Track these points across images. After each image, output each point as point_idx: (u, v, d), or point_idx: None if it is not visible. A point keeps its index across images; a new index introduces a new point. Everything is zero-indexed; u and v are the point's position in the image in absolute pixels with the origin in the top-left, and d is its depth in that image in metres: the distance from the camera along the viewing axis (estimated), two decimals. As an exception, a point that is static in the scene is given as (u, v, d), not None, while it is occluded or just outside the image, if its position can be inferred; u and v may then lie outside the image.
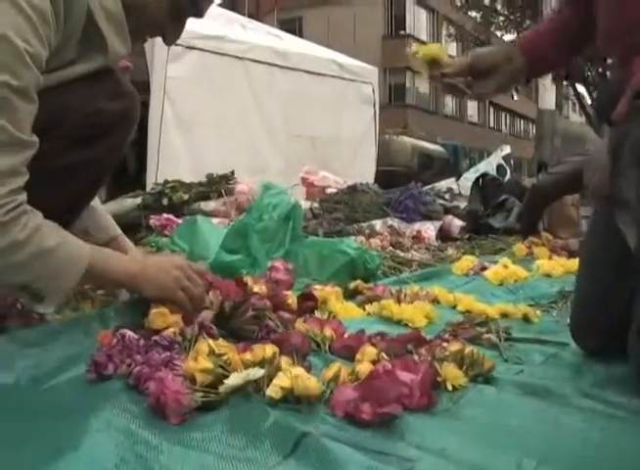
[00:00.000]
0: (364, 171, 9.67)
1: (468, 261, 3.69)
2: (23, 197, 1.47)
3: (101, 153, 1.72)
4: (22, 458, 1.13)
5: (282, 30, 11.76)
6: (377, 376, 1.35)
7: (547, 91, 16.57)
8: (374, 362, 1.56)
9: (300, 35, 21.00)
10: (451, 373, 1.52)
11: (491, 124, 48.35)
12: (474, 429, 1.30)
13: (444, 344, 1.76)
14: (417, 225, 5.36)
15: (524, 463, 1.13)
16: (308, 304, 2.21)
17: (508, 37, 33.65)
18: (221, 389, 1.38)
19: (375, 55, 31.45)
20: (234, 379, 1.38)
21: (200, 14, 1.86)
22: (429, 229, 5.34)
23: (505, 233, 5.34)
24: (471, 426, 1.32)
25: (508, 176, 8.05)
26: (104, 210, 2.12)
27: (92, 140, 1.67)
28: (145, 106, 7.15)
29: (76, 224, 1.87)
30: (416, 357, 1.63)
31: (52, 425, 1.27)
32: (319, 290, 2.40)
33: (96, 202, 2.03)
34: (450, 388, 1.50)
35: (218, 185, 5.25)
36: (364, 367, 1.49)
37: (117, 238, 2.07)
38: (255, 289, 2.08)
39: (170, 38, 1.84)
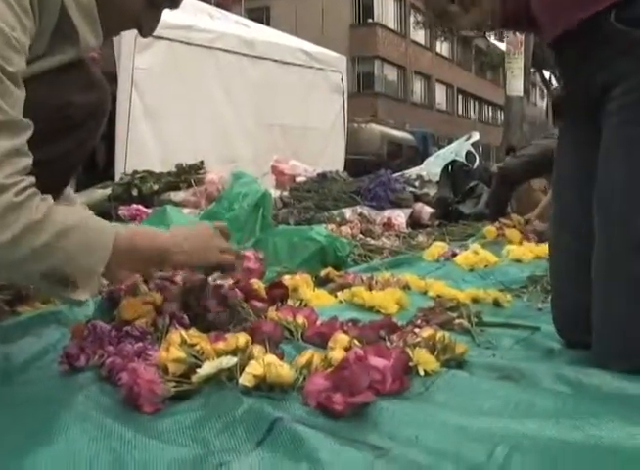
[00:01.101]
0: (334, 160, 9.70)
1: (438, 248, 3.70)
2: (32, 178, 1.41)
3: (72, 145, 1.70)
4: (-5, 453, 1.12)
5: (249, 19, 11.73)
6: (348, 364, 1.35)
7: (515, 78, 16.67)
8: (346, 349, 1.56)
9: (268, 24, 20.96)
10: (423, 358, 1.52)
11: (460, 112, 48.50)
12: (446, 414, 1.30)
13: (416, 329, 1.76)
14: (387, 213, 5.39)
15: (496, 452, 1.13)
16: (278, 292, 2.20)
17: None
18: (194, 378, 1.38)
19: (343, 43, 31.43)
20: (207, 368, 1.38)
21: (176, 4, 1.85)
22: (399, 216, 5.37)
23: (475, 219, 5.38)
24: (443, 411, 1.33)
25: (477, 163, 8.06)
26: (78, 200, 2.10)
27: (64, 132, 1.65)
28: (113, 97, 7.12)
29: None
30: (388, 343, 1.64)
31: (24, 419, 1.26)
32: (289, 279, 2.41)
33: (70, 192, 2.01)
34: (422, 373, 1.50)
35: (188, 175, 5.25)
36: (336, 354, 1.49)
37: None
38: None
39: (146, 30, 1.82)
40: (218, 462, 1.10)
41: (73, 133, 1.67)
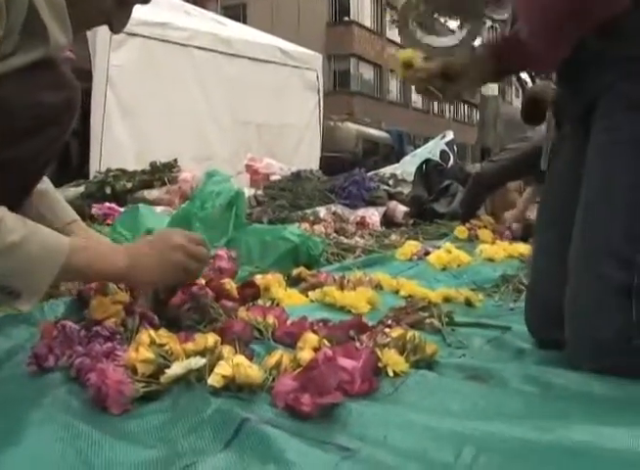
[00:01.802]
0: (309, 157, 9.73)
1: (411, 247, 3.71)
2: None
3: (42, 144, 1.68)
4: (-41, 454, 1.11)
5: (226, 17, 11.71)
6: (317, 364, 1.35)
7: (490, 77, 16.71)
8: (315, 350, 1.56)
9: (244, 22, 20.93)
10: (392, 359, 1.52)
11: (435, 110, 48.60)
12: (415, 415, 1.30)
13: (386, 329, 1.77)
14: (361, 211, 5.40)
15: (463, 452, 1.13)
16: (249, 291, 2.20)
17: (452, 24, 33.85)
18: (163, 379, 1.37)
19: (319, 41, 31.45)
20: (175, 368, 1.38)
21: (147, 0, 1.84)
22: (373, 215, 5.38)
23: (449, 218, 5.40)
24: (412, 412, 1.33)
25: (451, 162, 8.10)
26: (58, 196, 2.08)
27: (33, 132, 1.63)
28: (88, 94, 7.09)
29: (30, 210, 1.82)
30: (358, 344, 1.64)
31: (-9, 419, 1.26)
32: (261, 278, 2.41)
33: (49, 187, 1.99)
34: (391, 374, 1.50)
35: (162, 173, 5.25)
36: (305, 355, 1.50)
37: (74, 224, 2.02)
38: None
39: (117, 26, 1.81)
40: (185, 464, 1.10)
41: (43, 133, 1.66)
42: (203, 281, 2.04)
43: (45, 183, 1.99)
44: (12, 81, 1.55)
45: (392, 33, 39.59)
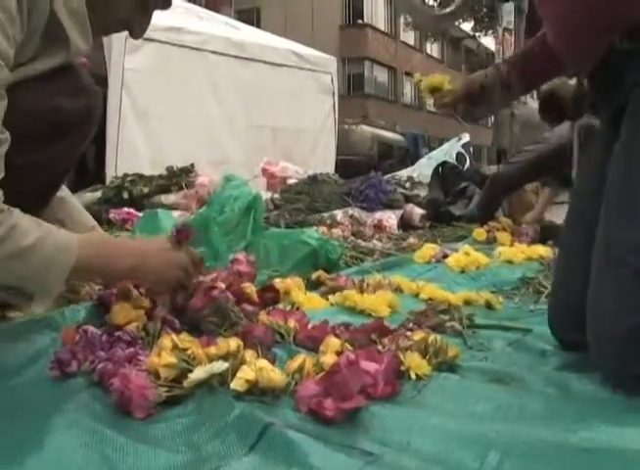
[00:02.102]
0: (325, 161, 9.72)
1: (429, 250, 3.69)
2: None
3: (62, 150, 1.69)
4: (-16, 458, 1.12)
5: (239, 21, 11.72)
6: (339, 369, 1.35)
7: (505, 78, 16.65)
8: (338, 353, 1.56)
9: (258, 26, 20.95)
10: (415, 362, 1.53)
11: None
12: (438, 418, 1.30)
13: (408, 333, 1.77)
14: (378, 214, 5.38)
15: (488, 457, 1.13)
16: (269, 295, 2.20)
17: (465, 26, 33.82)
18: (185, 383, 1.38)
19: (333, 44, 31.40)
20: (198, 373, 1.38)
21: (167, 4, 1.85)
22: (390, 218, 5.36)
23: (466, 221, 5.37)
24: (435, 415, 1.33)
25: (468, 164, 8.07)
26: (76, 202, 2.10)
27: (53, 137, 1.64)
28: (103, 99, 7.11)
29: (49, 217, 1.82)
30: (380, 347, 1.64)
31: (15, 425, 1.26)
32: (281, 282, 2.41)
33: (67, 194, 2.00)
34: (414, 377, 1.50)
35: (179, 178, 5.25)
36: (328, 359, 1.50)
37: (92, 229, 2.04)
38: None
39: (137, 32, 1.82)
40: (209, 468, 1.11)
41: (63, 138, 1.66)
42: (223, 285, 2.04)
43: (63, 190, 1.99)
44: (32, 86, 1.56)
45: (407, 36, 39.62)
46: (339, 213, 5.21)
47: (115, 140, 7.00)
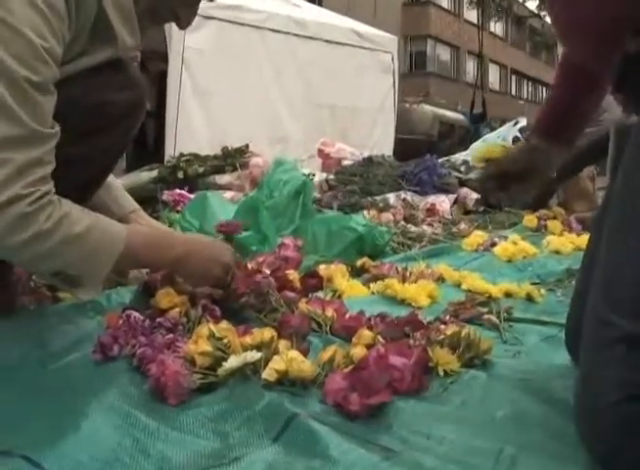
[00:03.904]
0: (383, 140, 9.69)
1: (477, 237, 3.70)
2: (49, 187, 1.48)
3: (109, 142, 1.74)
4: (22, 438, 1.18)
5: (301, -1, 11.71)
6: (367, 364, 1.38)
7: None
8: (369, 346, 1.60)
9: (320, 4, 20.84)
10: (443, 358, 1.54)
11: (513, 92, 47.95)
12: (460, 417, 1.33)
13: (442, 326, 1.78)
14: (431, 198, 5.35)
15: (502, 457, 1.16)
16: (312, 282, 2.25)
17: (530, 4, 33.24)
18: (219, 371, 1.43)
19: (395, 23, 31.15)
20: (232, 361, 1.44)
21: None
22: (443, 202, 5.33)
23: (520, 207, 5.33)
24: (458, 414, 1.35)
25: (525, 149, 7.96)
26: (120, 185, 2.16)
27: (101, 130, 1.69)
28: (163, 77, 7.17)
29: (93, 201, 1.88)
30: (411, 341, 1.66)
31: (54, 406, 1.32)
32: (325, 269, 2.45)
33: (111, 177, 2.06)
34: (442, 373, 1.53)
35: (233, 158, 5.28)
36: (358, 351, 1.53)
37: (134, 213, 2.10)
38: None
39: (184, 22, 1.86)
40: (235, 456, 1.16)
41: (110, 131, 1.72)
42: (268, 271, 2.09)
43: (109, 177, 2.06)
44: (80, 81, 1.61)
45: (470, 14, 39.13)
46: (392, 197, 5.21)
47: (175, 118, 7.07)
